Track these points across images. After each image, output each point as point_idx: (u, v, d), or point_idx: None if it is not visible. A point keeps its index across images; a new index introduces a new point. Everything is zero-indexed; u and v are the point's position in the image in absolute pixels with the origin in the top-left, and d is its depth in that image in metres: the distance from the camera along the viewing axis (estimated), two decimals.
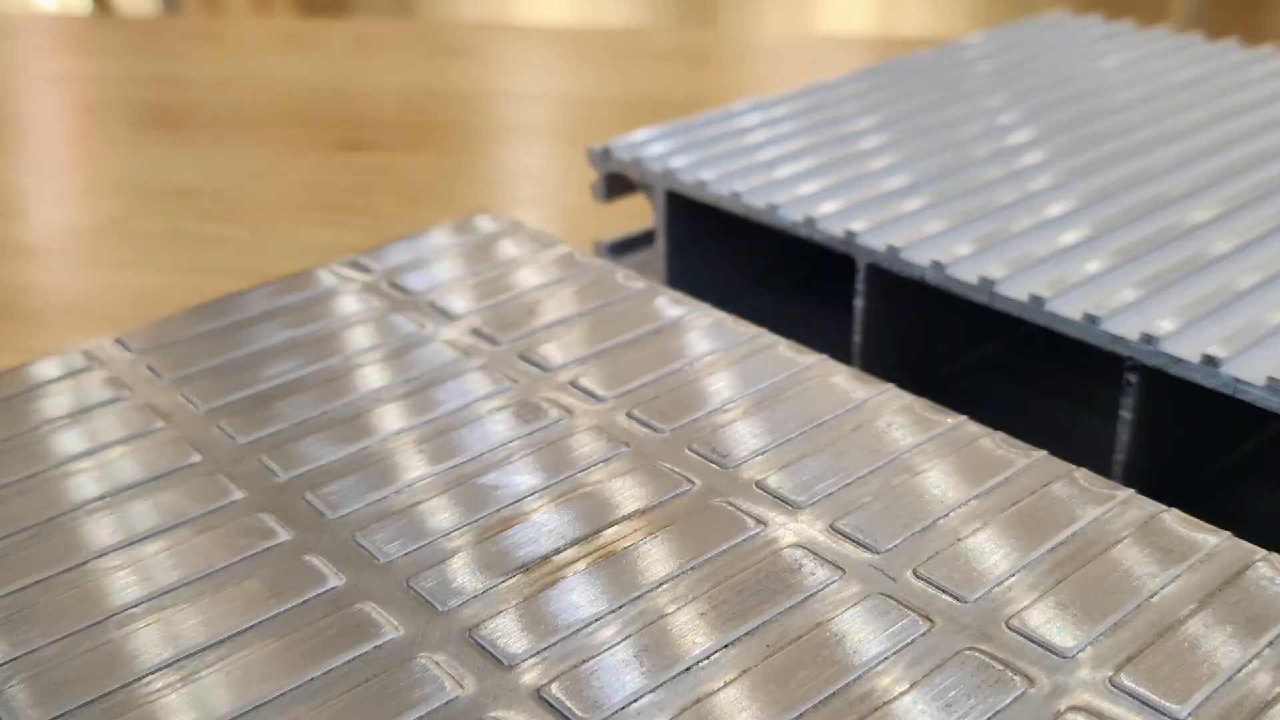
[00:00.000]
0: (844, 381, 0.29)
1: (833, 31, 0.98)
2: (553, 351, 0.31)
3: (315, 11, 1.32)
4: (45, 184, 0.60)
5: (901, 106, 0.45)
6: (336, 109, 0.67)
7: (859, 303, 0.36)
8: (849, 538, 0.24)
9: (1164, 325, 0.30)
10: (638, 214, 0.45)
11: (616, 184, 0.42)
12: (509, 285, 0.34)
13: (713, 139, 0.42)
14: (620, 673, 0.21)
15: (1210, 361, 0.28)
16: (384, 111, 0.68)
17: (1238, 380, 0.28)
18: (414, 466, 0.26)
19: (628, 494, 0.25)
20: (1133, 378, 0.30)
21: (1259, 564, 0.23)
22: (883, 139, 0.42)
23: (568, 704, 0.20)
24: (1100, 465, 0.27)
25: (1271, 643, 0.21)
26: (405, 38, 0.82)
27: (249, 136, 0.64)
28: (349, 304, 0.33)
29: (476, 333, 0.32)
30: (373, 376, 0.30)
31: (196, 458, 0.27)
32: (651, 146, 0.42)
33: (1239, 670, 0.20)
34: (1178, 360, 0.29)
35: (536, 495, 0.25)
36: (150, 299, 0.46)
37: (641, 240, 0.44)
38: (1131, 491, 0.25)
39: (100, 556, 0.24)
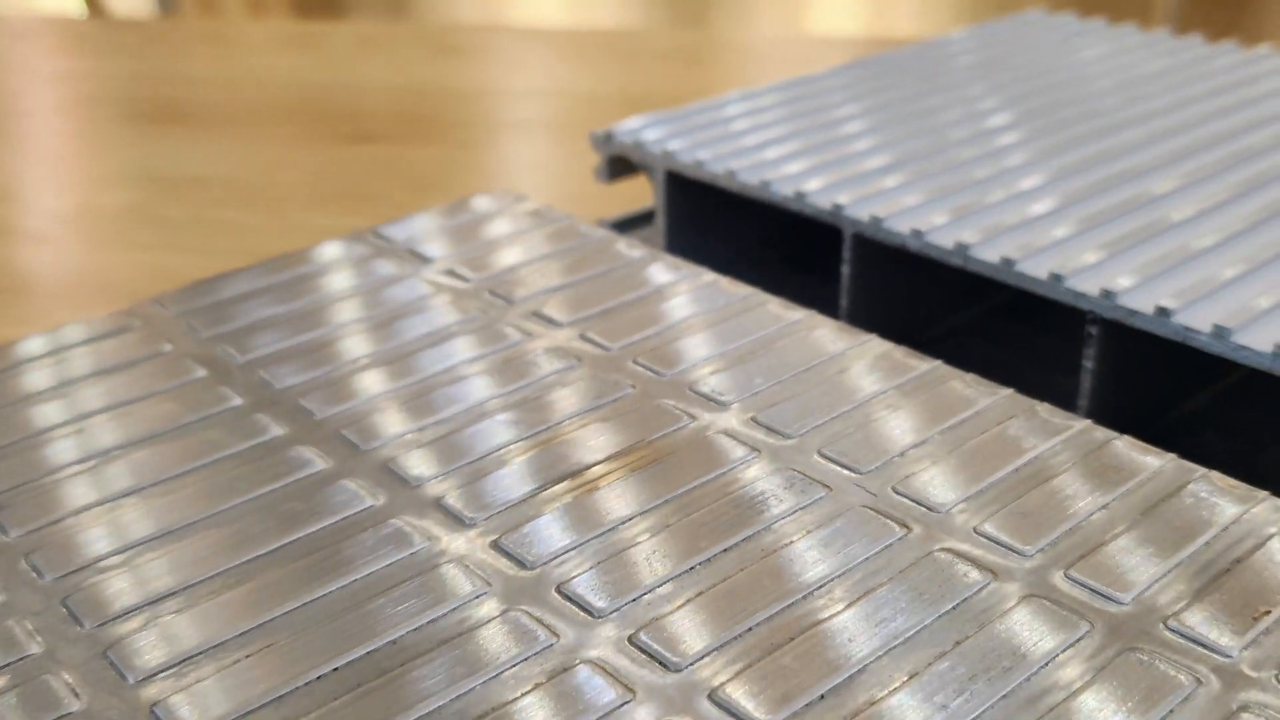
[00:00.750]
0: (829, 333, 0.32)
1: (823, 32, 1.01)
2: (562, 309, 0.33)
3: (310, 13, 1.34)
4: (63, 174, 0.62)
5: (884, 96, 0.48)
6: (341, 105, 0.70)
7: (845, 270, 0.38)
8: (835, 461, 0.27)
9: (1122, 282, 0.32)
10: (636, 200, 0.47)
11: (618, 166, 0.45)
12: (520, 252, 0.37)
13: (708, 125, 0.45)
14: (635, 569, 0.23)
15: (1163, 312, 0.31)
16: (387, 107, 0.70)
17: (1187, 328, 0.31)
18: (444, 404, 0.29)
19: (638, 426, 0.28)
20: (1094, 330, 0.33)
21: (1197, 481, 0.25)
22: (866, 124, 0.45)
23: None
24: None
25: (1194, 553, 0.23)
26: (405, 38, 0.84)
27: (257, 131, 0.66)
28: (374, 268, 0.36)
29: (492, 293, 0.34)
30: (396, 331, 0.33)
31: (237, 400, 0.30)
32: (651, 131, 0.44)
33: (1164, 575, 0.23)
34: (1133, 312, 0.31)
35: (559, 424, 0.28)
36: (175, 278, 0.48)
37: (641, 220, 0.47)
38: (1088, 422, 0.28)
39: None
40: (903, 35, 0.86)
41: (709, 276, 0.35)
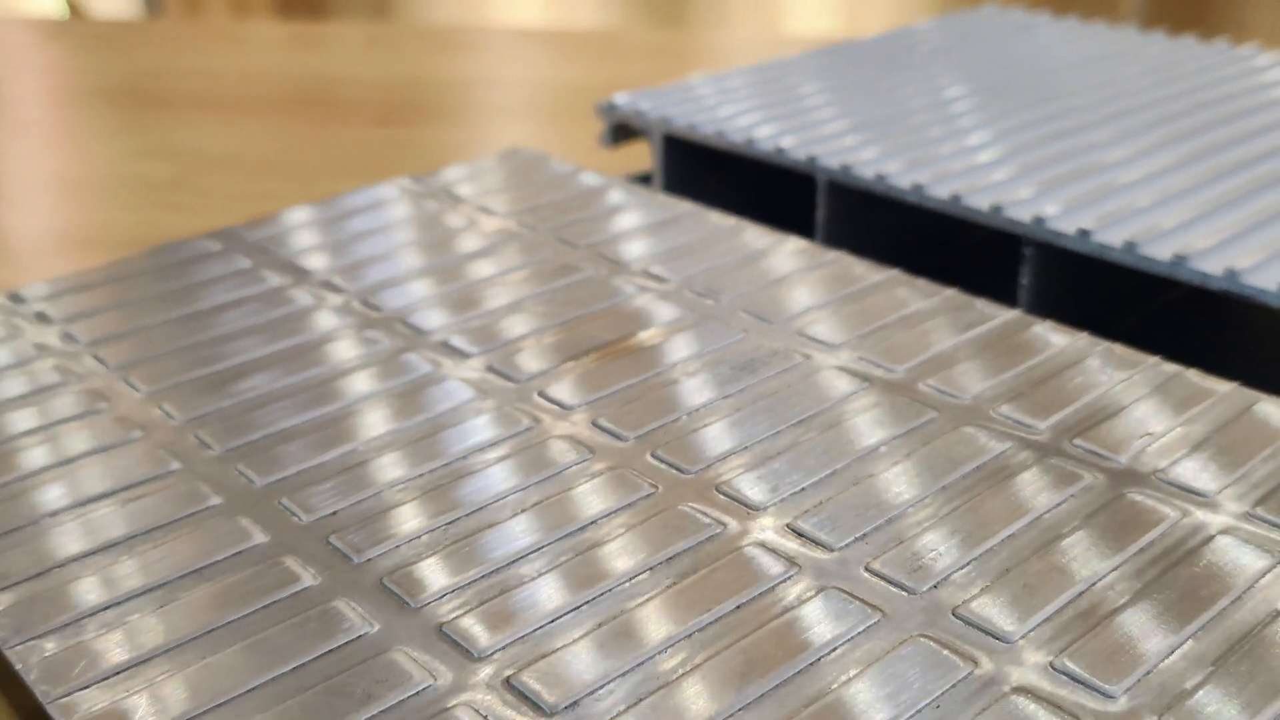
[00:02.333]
0: (803, 248, 0.38)
1: (798, 32, 1.08)
2: (584, 232, 0.39)
3: (294, 13, 1.40)
4: (104, 150, 0.68)
5: (851, 76, 0.54)
6: (357, 94, 0.76)
7: (820, 213, 0.45)
8: (813, 340, 0.33)
9: (1051, 210, 0.39)
10: (626, 168, 0.53)
11: (620, 133, 0.51)
12: (541, 193, 0.43)
13: (697, 97, 0.51)
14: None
15: (1084, 233, 0.37)
16: (394, 96, 0.76)
17: (1102, 245, 0.37)
18: (496, 298, 0.35)
19: (654, 313, 0.34)
20: (1028, 252, 0.39)
21: (1098, 353, 0.32)
22: (835, 97, 0.51)
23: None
24: None
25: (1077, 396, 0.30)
26: (400, 37, 0.91)
27: (278, 117, 0.72)
28: (418, 208, 0.42)
29: (520, 222, 0.40)
30: (439, 246, 0.39)
31: (341, 319, 0.36)
32: (647, 102, 0.51)
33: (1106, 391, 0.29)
34: (1060, 234, 0.38)
35: (596, 300, 0.34)
36: None
37: (639, 181, 0.53)
38: (1019, 312, 0.34)
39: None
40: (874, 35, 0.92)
41: (704, 211, 0.41)
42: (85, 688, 0.22)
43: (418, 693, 0.21)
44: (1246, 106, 0.49)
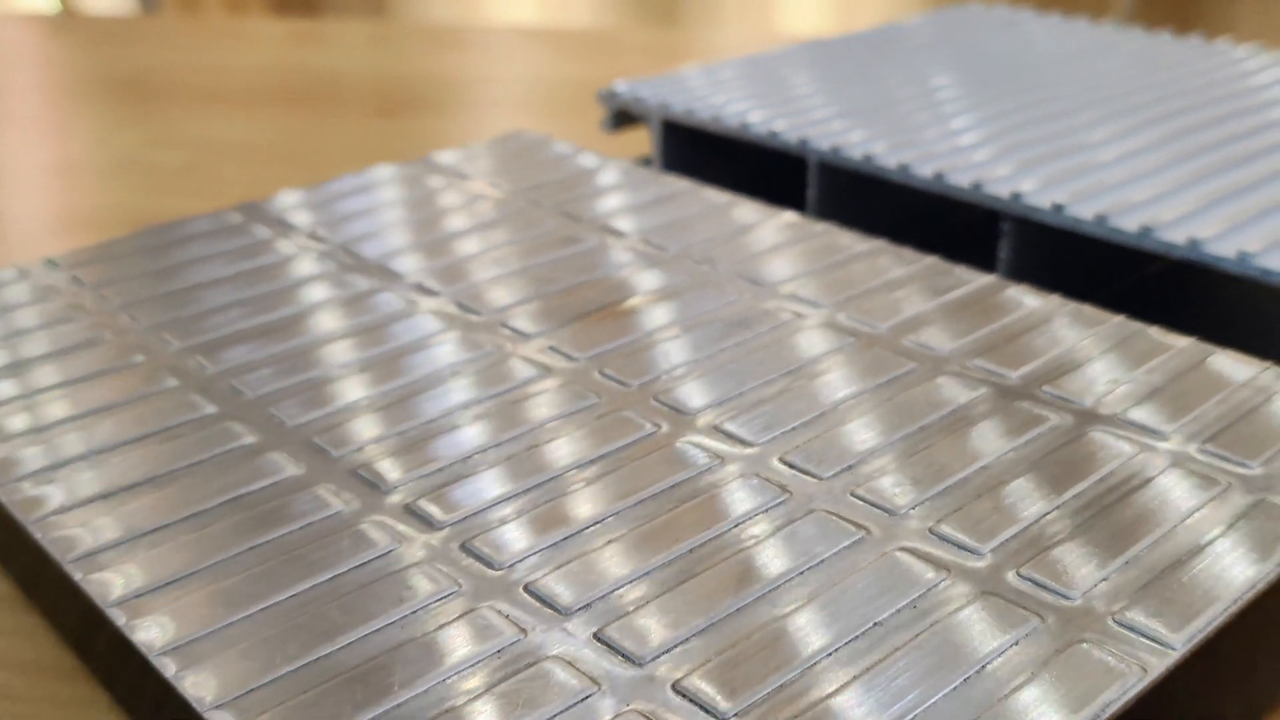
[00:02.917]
0: (794, 221, 0.40)
1: (789, 31, 1.10)
2: (584, 206, 0.42)
3: (288, 11, 1.42)
4: (117, 140, 0.70)
5: (839, 67, 0.57)
6: (360, 88, 0.78)
7: (811, 192, 0.47)
8: (801, 299, 0.35)
9: (1028, 187, 0.41)
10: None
11: (620, 118, 0.54)
12: (543, 171, 0.45)
13: (694, 86, 0.53)
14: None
15: (1058, 207, 0.40)
16: (398, 91, 0.79)
17: (1075, 218, 0.39)
18: (498, 264, 0.37)
19: (651, 278, 0.36)
20: (1006, 226, 0.41)
21: (1067, 313, 0.34)
22: (824, 85, 0.53)
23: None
24: None
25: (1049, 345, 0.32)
26: (399, 35, 0.93)
27: (287, 108, 0.74)
28: (425, 182, 0.44)
29: (524, 197, 0.43)
30: (451, 216, 0.41)
31: (365, 281, 0.38)
32: (647, 89, 0.53)
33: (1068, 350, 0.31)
34: (1035, 209, 0.40)
35: (596, 256, 0.36)
36: None
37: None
38: (995, 277, 0.36)
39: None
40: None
41: (700, 188, 0.43)
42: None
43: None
44: (1217, 95, 0.51)
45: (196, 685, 0.22)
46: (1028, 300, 0.35)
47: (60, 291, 0.37)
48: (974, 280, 0.36)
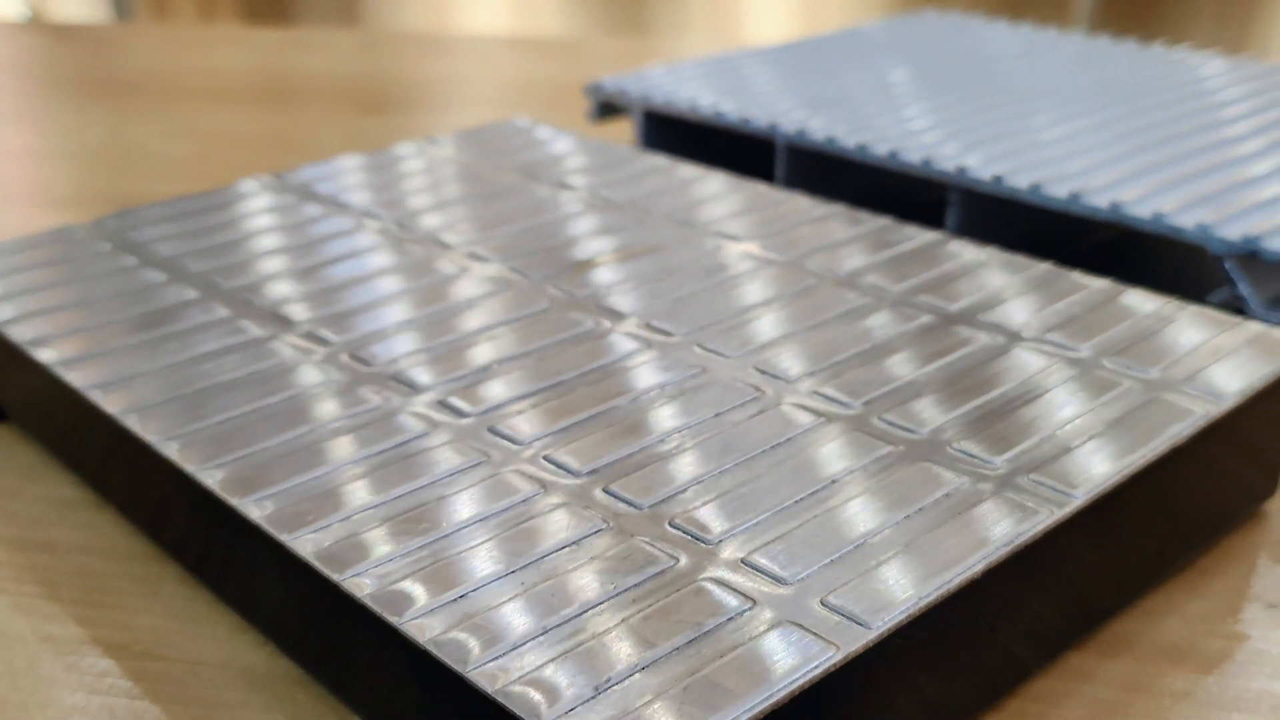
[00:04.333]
0: (762, 190, 0.45)
1: (754, 40, 1.15)
2: (573, 179, 0.47)
3: (260, 18, 1.46)
4: (131, 133, 0.75)
5: (804, 65, 0.62)
6: (351, 89, 0.83)
7: (779, 172, 0.52)
8: (771, 249, 0.40)
9: (973, 162, 0.46)
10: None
11: (605, 110, 0.59)
12: (533, 150, 0.50)
13: (672, 80, 0.59)
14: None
15: (998, 179, 0.45)
16: (387, 90, 0.83)
17: (1013, 188, 0.44)
18: (497, 222, 0.42)
19: (636, 234, 0.41)
20: (952, 197, 0.46)
21: (1000, 261, 0.39)
22: (790, 81, 0.59)
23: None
24: None
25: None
26: (393, 40, 0.98)
27: (287, 105, 0.79)
28: (427, 157, 0.49)
29: (524, 173, 0.48)
30: (459, 179, 0.46)
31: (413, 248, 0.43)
32: (629, 83, 0.58)
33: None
34: (978, 180, 0.45)
35: (585, 229, 0.41)
36: None
37: None
38: (940, 234, 0.41)
39: None
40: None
41: (680, 163, 0.48)
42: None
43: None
44: (1148, 87, 0.56)
45: (308, 543, 0.26)
46: (967, 252, 0.40)
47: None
48: (921, 236, 0.41)
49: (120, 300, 0.37)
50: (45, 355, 0.34)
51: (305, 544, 0.26)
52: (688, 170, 0.47)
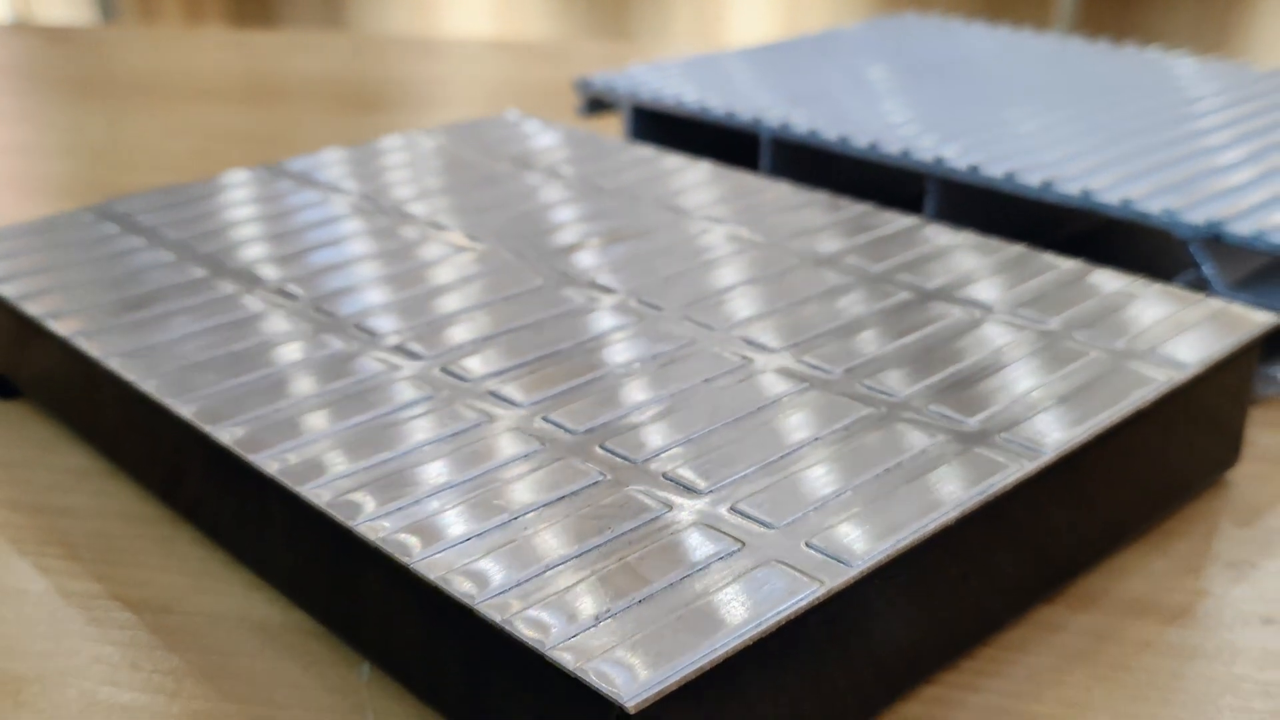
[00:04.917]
0: (748, 180, 0.47)
1: (736, 44, 1.17)
2: (572, 168, 0.48)
3: (246, 21, 1.48)
4: (133, 130, 0.76)
5: (786, 64, 0.64)
6: (341, 89, 0.85)
7: (763, 165, 0.54)
8: (758, 232, 0.42)
9: (950, 153, 0.48)
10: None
11: (594, 105, 0.60)
12: (534, 146, 0.52)
13: (658, 77, 0.60)
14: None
15: (973, 168, 0.47)
16: (380, 91, 0.85)
17: (988, 177, 0.46)
18: (498, 203, 0.44)
19: (630, 217, 0.43)
20: (930, 186, 0.48)
21: (974, 244, 0.41)
22: (773, 79, 0.60)
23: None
24: None
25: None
26: (384, 44, 0.99)
27: (283, 104, 0.81)
28: (420, 148, 0.51)
29: (514, 162, 0.49)
30: (449, 169, 0.47)
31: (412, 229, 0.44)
32: (618, 79, 0.60)
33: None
34: (955, 170, 0.47)
35: (576, 215, 0.43)
36: None
37: None
38: (917, 219, 0.43)
39: None
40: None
41: (671, 153, 0.50)
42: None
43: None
44: (1120, 83, 0.58)
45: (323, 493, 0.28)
46: (943, 235, 0.41)
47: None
48: (899, 220, 0.43)
49: (127, 278, 0.39)
50: (61, 328, 0.35)
51: (323, 493, 0.27)
52: (674, 160, 0.49)
